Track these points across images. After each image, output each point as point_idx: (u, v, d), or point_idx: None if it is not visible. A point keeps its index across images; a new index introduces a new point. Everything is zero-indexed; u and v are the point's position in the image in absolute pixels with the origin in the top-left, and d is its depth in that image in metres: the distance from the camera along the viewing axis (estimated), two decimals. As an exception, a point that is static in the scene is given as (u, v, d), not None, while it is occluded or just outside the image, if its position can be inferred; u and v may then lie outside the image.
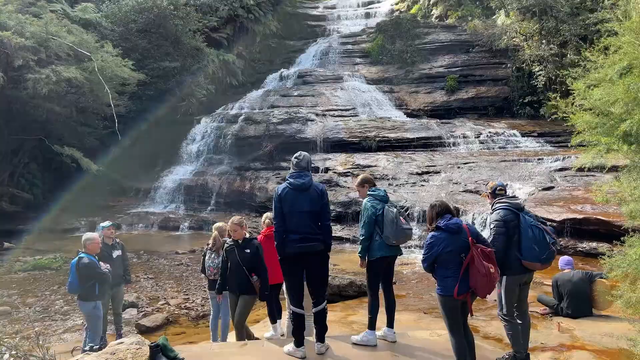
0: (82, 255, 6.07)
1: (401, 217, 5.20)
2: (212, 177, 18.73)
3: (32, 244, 15.01)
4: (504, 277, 4.75)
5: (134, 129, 22.06)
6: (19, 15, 13.66)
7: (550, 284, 6.64)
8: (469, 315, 4.50)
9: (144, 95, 20.06)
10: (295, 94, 21.78)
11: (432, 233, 4.36)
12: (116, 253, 6.62)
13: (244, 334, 5.68)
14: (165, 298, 9.10)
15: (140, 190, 20.52)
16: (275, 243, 4.90)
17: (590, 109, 4.50)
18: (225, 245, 5.96)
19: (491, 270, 4.22)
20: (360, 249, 5.16)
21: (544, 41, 21.13)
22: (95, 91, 15.13)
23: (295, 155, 5.09)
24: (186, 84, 22.02)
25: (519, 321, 4.84)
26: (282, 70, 25.22)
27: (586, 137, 4.56)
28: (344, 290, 8.24)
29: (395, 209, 5.28)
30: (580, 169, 13.83)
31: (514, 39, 21.70)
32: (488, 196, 5.16)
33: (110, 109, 16.66)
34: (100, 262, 6.26)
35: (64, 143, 17.11)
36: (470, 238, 4.30)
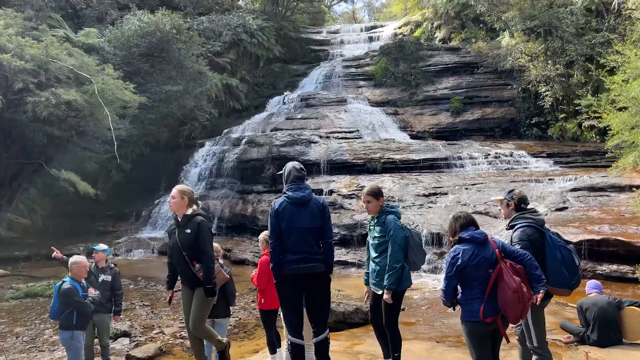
0: (65, 279, 5.66)
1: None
2: (213, 201, 18.35)
3: (28, 271, 14.58)
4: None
5: (136, 153, 21.86)
6: (19, 38, 13.52)
7: (574, 307, 6.11)
8: (502, 341, 3.98)
9: (146, 119, 19.85)
10: (299, 116, 21.54)
11: (456, 246, 3.88)
12: (102, 277, 6.16)
13: (199, 346, 4.81)
14: (160, 326, 8.60)
15: (140, 215, 20.16)
16: (271, 265, 4.43)
17: (626, 108, 4.09)
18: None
19: (523, 287, 3.74)
20: (389, 279, 4.50)
21: (549, 62, 20.89)
22: (96, 114, 14.90)
23: (292, 166, 4.67)
24: (188, 107, 21.86)
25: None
26: (285, 93, 25.07)
27: (625, 137, 4.14)
28: (350, 318, 7.71)
29: (414, 230, 4.87)
30: (594, 189, 13.48)
31: (519, 60, 21.48)
32: (509, 205, 4.63)
33: (110, 132, 16.42)
34: (89, 288, 5.84)
35: (64, 168, 16.83)
36: (496, 250, 3.87)
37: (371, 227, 4.89)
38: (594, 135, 19.70)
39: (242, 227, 17.13)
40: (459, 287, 3.90)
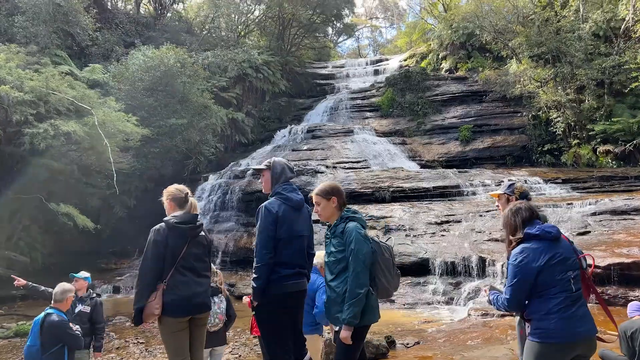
0: (50, 311, 5.01)
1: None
2: (217, 235, 17.75)
3: (24, 310, 13.97)
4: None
5: (140, 189, 21.46)
6: (19, 71, 13.37)
7: (612, 334, 5.37)
8: None
9: (150, 152, 19.54)
10: (305, 148, 21.16)
11: (522, 245, 3.13)
12: (79, 308, 5.54)
13: None
14: (152, 365, 7.89)
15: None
16: (257, 283, 3.65)
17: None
18: None
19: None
20: (349, 310, 3.38)
21: (559, 87, 20.50)
22: (96, 147, 14.56)
23: (285, 163, 4.10)
24: (193, 141, 21.58)
25: None
26: (291, 126, 24.81)
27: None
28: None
29: (384, 243, 3.73)
30: (616, 212, 12.74)
31: (527, 86, 21.11)
32: (509, 201, 4.08)
33: (111, 165, 16.06)
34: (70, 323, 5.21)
35: (66, 203, 16.41)
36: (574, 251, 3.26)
37: (326, 241, 3.81)
38: (609, 161, 19.07)
39: (246, 261, 16.44)
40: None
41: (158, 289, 3.73)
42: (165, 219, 3.95)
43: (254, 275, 3.70)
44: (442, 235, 13.28)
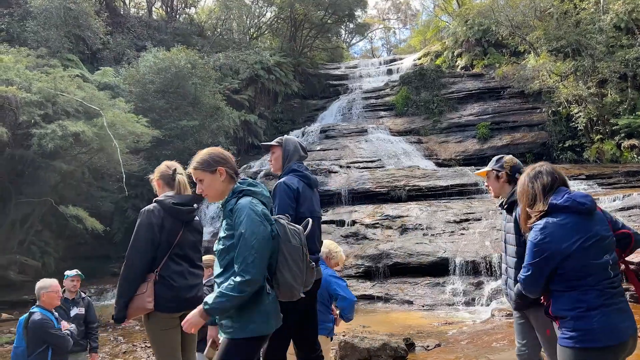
0: (33, 309, 4.67)
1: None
2: (230, 237, 17.40)
3: (34, 315, 13.75)
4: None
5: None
6: (26, 72, 13.21)
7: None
8: None
9: (161, 155, 19.24)
10: (318, 148, 20.78)
11: (545, 219, 2.46)
12: (75, 311, 5.18)
13: None
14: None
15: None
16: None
17: None
18: None
19: None
20: (215, 300, 2.50)
21: (580, 82, 19.81)
22: (106, 148, 14.34)
23: (297, 141, 3.74)
24: (205, 143, 21.33)
25: None
26: (304, 127, 24.45)
27: None
28: (376, 355, 6.53)
29: (292, 225, 2.78)
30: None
31: (547, 81, 20.45)
32: (499, 178, 3.53)
33: (121, 167, 15.84)
34: (62, 322, 4.85)
35: (77, 207, 16.24)
36: (610, 226, 2.61)
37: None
38: (635, 156, 18.34)
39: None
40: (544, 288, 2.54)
41: (148, 279, 3.28)
42: (158, 198, 3.50)
43: None
44: (462, 234, 12.75)
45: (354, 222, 14.80)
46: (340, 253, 4.33)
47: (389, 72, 30.22)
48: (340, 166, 18.24)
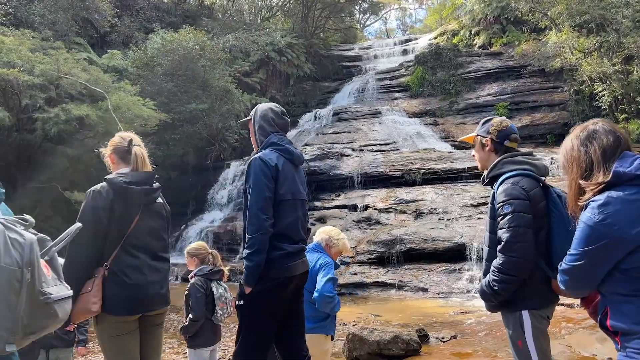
0: None
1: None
2: (241, 223, 17.03)
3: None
4: (524, 314, 2.52)
5: (163, 177, 20.97)
6: (28, 54, 12.86)
7: None
8: None
9: (170, 139, 19.00)
10: (330, 131, 20.22)
11: (607, 195, 1.81)
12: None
13: None
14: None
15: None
16: (255, 260, 2.74)
17: None
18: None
19: None
20: None
21: (604, 58, 18.88)
22: (112, 132, 13.87)
23: (268, 106, 3.21)
24: (215, 127, 20.95)
25: None
26: (316, 110, 23.88)
27: None
28: (386, 348, 6.08)
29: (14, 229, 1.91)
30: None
31: (569, 58, 19.54)
32: (484, 145, 2.85)
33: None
34: None
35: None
36: None
37: None
38: (662, 136, 17.47)
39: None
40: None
41: (96, 275, 2.74)
42: (108, 177, 2.95)
43: (248, 251, 2.76)
44: (479, 218, 12.18)
45: (366, 207, 14.32)
46: (343, 240, 3.81)
47: (404, 52, 29.36)
48: (353, 149, 17.70)
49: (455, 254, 11.27)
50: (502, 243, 2.51)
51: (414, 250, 11.73)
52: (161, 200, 3.18)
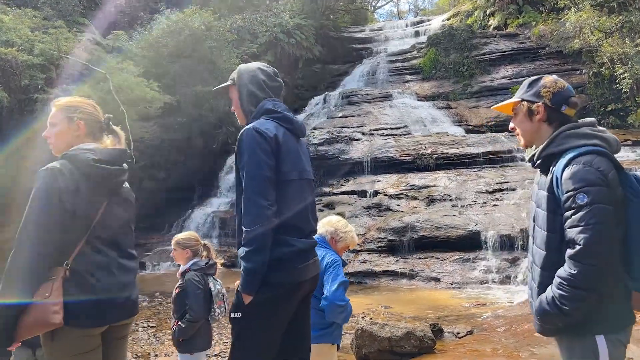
0: None
1: None
2: (247, 208, 16.69)
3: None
4: (599, 341, 1.96)
5: (170, 161, 20.64)
6: (27, 32, 12.41)
7: None
8: None
9: (176, 122, 18.58)
10: (340, 115, 19.66)
11: None
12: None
13: None
14: (157, 355, 6.85)
15: (173, 225, 18.86)
16: (256, 261, 2.18)
17: None
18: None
19: None
20: None
21: (626, 39, 18.09)
22: (114, 114, 13.51)
23: (257, 66, 2.64)
24: (222, 110, 20.46)
25: None
26: (325, 93, 23.31)
27: None
28: (398, 345, 5.66)
29: None
30: None
31: (589, 39, 18.76)
32: (534, 113, 2.21)
33: (137, 139, 15.11)
34: None
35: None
36: None
37: None
38: (686, 120, 16.77)
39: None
40: None
41: (54, 276, 2.17)
42: (70, 152, 2.34)
43: (246, 249, 2.19)
44: (495, 205, 11.68)
45: (376, 193, 13.83)
46: (351, 233, 3.30)
47: (416, 34, 28.57)
48: (363, 133, 17.16)
49: (469, 243, 10.80)
50: (578, 247, 1.90)
51: (426, 238, 11.27)
52: (127, 185, 2.64)
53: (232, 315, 2.31)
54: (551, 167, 2.10)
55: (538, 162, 2.18)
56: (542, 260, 2.09)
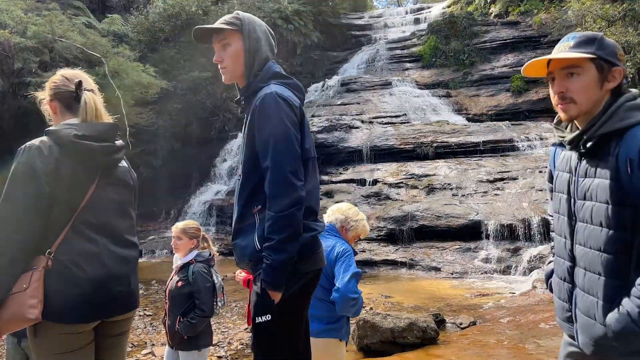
0: None
1: None
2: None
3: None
4: None
5: (166, 148, 20.41)
6: (21, 14, 12.12)
7: None
8: None
9: (173, 109, 18.35)
10: (339, 102, 19.44)
11: None
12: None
13: None
14: (154, 344, 6.73)
15: (170, 213, 18.69)
16: (289, 249, 1.87)
17: None
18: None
19: None
20: None
21: (629, 27, 17.88)
22: (110, 99, 13.30)
23: (248, 17, 2.18)
24: (219, 96, 20.22)
25: None
26: (324, 80, 23.04)
27: None
28: (401, 336, 5.53)
29: None
30: None
31: (592, 27, 18.53)
32: (601, 69, 1.70)
33: (132, 125, 14.88)
34: None
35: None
36: None
37: None
38: (689, 110, 16.63)
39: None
40: None
41: (35, 266, 1.96)
42: (51, 128, 2.14)
43: (278, 237, 1.85)
44: (496, 195, 11.55)
45: (375, 182, 13.69)
46: (362, 222, 3.11)
47: (416, 21, 28.26)
48: (362, 121, 16.97)
49: (470, 232, 10.68)
50: None
51: (426, 228, 11.14)
52: (126, 165, 2.36)
53: (261, 320, 1.95)
54: (609, 149, 1.66)
55: (590, 143, 1.69)
56: (604, 264, 1.65)
